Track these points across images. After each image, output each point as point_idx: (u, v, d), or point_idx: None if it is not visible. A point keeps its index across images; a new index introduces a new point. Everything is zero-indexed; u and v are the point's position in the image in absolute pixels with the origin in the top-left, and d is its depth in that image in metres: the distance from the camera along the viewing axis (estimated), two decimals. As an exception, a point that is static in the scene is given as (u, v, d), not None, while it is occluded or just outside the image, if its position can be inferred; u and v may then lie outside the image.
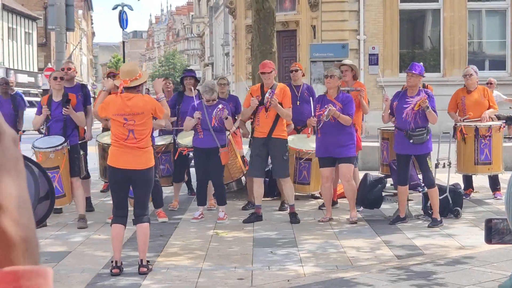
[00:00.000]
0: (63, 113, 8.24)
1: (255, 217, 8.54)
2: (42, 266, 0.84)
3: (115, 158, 6.18)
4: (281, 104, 8.37)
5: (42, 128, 8.78)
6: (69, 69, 9.35)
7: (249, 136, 9.32)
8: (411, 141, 8.03)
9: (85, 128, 9.19)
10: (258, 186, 8.58)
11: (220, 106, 8.49)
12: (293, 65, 10.29)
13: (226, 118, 8.42)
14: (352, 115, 8.34)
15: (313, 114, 8.45)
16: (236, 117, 9.67)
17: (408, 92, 8.21)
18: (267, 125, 8.41)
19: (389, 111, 8.31)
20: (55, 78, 8.42)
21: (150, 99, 6.36)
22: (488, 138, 9.39)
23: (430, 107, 7.95)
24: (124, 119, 6.14)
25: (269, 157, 8.67)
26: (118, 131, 6.18)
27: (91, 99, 9.82)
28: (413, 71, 8.12)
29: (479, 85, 10.12)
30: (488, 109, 9.79)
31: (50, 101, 8.39)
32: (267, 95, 8.28)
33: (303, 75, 10.32)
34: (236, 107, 9.82)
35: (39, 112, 8.46)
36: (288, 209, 8.64)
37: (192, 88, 9.53)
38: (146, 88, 8.44)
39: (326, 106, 8.15)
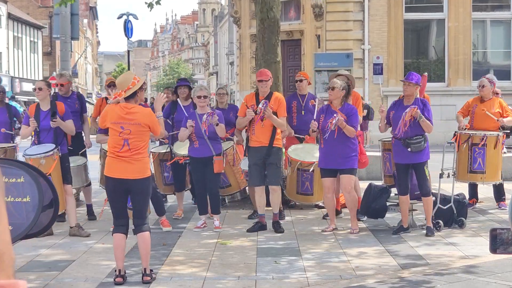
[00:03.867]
0: (51, 125, 8.24)
1: (259, 227, 8.53)
2: (15, 279, 0.82)
3: (111, 167, 6.18)
4: (276, 113, 8.37)
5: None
6: (62, 85, 9.37)
7: (243, 144, 9.36)
8: (409, 149, 8.03)
9: (83, 135, 9.26)
10: (259, 195, 8.58)
11: (209, 111, 8.51)
12: (298, 74, 10.29)
13: (217, 125, 8.41)
14: (356, 127, 8.36)
15: (314, 117, 8.41)
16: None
17: (405, 101, 8.23)
18: (262, 134, 8.41)
19: (385, 121, 8.32)
20: (34, 89, 8.43)
21: (149, 113, 6.31)
22: (481, 147, 9.33)
23: (423, 117, 7.95)
24: (121, 127, 6.13)
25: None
26: (113, 141, 6.18)
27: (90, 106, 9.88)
28: (410, 80, 8.13)
29: (495, 97, 10.03)
30: (504, 117, 9.71)
31: (38, 111, 8.36)
32: (260, 105, 8.29)
33: (309, 83, 10.32)
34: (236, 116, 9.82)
35: (26, 123, 8.41)
36: (272, 218, 8.59)
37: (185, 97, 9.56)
38: (151, 97, 8.43)
39: (334, 115, 8.14)
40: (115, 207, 6.27)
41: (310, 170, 9.44)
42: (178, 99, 9.52)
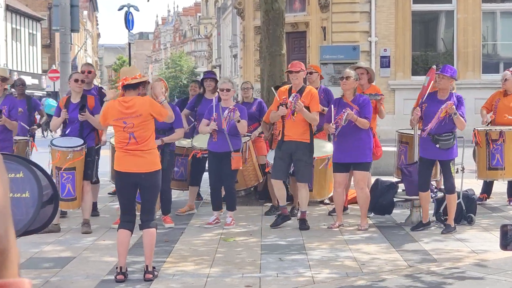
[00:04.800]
0: (79, 119, 8.28)
1: (282, 218, 8.54)
2: (21, 278, 0.82)
3: (120, 162, 6.22)
4: (308, 108, 8.31)
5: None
6: (90, 72, 9.36)
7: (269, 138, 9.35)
8: (438, 145, 7.99)
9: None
10: (278, 188, 8.55)
11: (231, 106, 8.48)
12: (308, 67, 10.21)
13: (238, 121, 8.38)
14: (369, 118, 8.30)
15: (332, 121, 8.26)
16: (260, 122, 9.66)
17: (439, 95, 8.15)
18: (293, 128, 8.34)
19: (419, 116, 8.19)
20: (76, 81, 8.45)
21: (148, 100, 6.32)
22: (499, 143, 9.32)
23: (458, 113, 7.90)
24: (124, 123, 6.14)
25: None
26: (119, 136, 6.22)
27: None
28: (445, 73, 8.07)
29: None
30: None
31: (68, 102, 8.45)
32: (290, 99, 8.22)
33: (321, 77, 10.18)
34: (260, 112, 9.79)
35: (57, 114, 8.51)
36: (299, 215, 8.63)
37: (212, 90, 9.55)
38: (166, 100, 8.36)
39: (344, 110, 8.11)
40: (123, 202, 6.28)
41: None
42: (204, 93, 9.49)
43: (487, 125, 9.93)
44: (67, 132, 8.41)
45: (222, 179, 8.60)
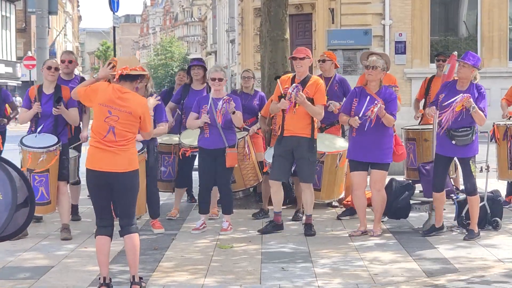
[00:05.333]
0: (53, 112, 8.26)
1: (273, 226, 8.53)
2: None
3: (93, 158, 6.12)
4: (312, 100, 8.30)
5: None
6: (70, 61, 9.24)
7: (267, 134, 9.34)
8: (454, 142, 8.00)
9: (81, 127, 9.20)
10: (275, 191, 8.55)
11: (225, 97, 8.48)
12: (322, 54, 10.14)
13: (233, 113, 8.39)
14: (395, 115, 8.28)
15: (360, 113, 8.18)
16: (258, 116, 9.66)
17: (458, 85, 8.12)
18: (294, 122, 8.33)
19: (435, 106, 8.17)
20: (49, 68, 8.42)
21: (145, 103, 6.28)
22: None
23: (476, 107, 7.88)
24: (109, 112, 6.06)
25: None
26: (98, 126, 6.11)
27: None
28: (466, 61, 8.05)
29: None
30: None
31: (40, 93, 8.39)
32: (290, 90, 8.21)
33: (336, 66, 10.07)
34: (261, 105, 9.80)
35: (27, 106, 8.45)
36: (304, 219, 8.63)
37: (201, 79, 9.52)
38: (152, 91, 8.31)
39: (376, 102, 8.08)
40: (98, 205, 6.25)
41: (319, 161, 9.40)
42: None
43: (508, 119, 9.94)
44: (39, 128, 8.35)
45: (216, 179, 8.59)
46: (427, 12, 22.71)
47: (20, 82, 47.85)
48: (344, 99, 9.12)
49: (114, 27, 24.46)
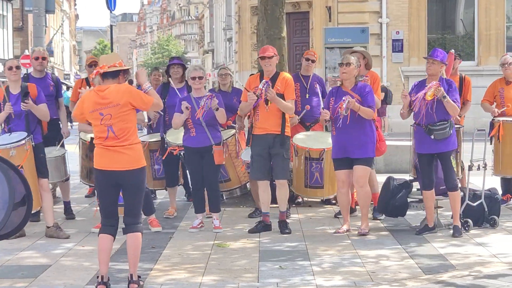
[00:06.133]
0: (21, 108, 8.22)
1: (262, 226, 8.54)
2: None
3: (100, 159, 6.17)
4: (283, 96, 8.35)
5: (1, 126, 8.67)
6: (44, 58, 9.32)
7: (245, 132, 9.35)
8: (432, 136, 8.03)
9: (60, 124, 9.23)
10: (263, 190, 8.58)
11: (207, 93, 8.50)
12: (311, 54, 10.24)
13: (217, 109, 8.41)
14: (373, 107, 8.31)
15: (322, 106, 8.42)
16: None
17: (427, 82, 8.19)
18: (267, 120, 8.38)
19: (408, 107, 8.26)
20: (10, 68, 8.39)
21: (127, 88, 6.22)
22: None
23: (447, 97, 7.93)
24: (100, 114, 6.08)
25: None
26: (97, 131, 6.16)
27: (68, 88, 9.72)
28: (435, 58, 8.12)
29: None
30: None
31: (8, 94, 8.35)
32: (260, 86, 8.27)
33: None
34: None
35: None
36: (279, 216, 8.59)
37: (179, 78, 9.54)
38: (129, 79, 8.36)
39: (344, 98, 8.12)
40: (105, 204, 6.25)
41: (320, 159, 9.44)
42: (170, 81, 9.48)
43: (498, 113, 9.92)
44: (11, 127, 8.33)
45: (204, 177, 8.60)
46: (424, 10, 22.72)
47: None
48: (320, 97, 9.21)
49: (111, 26, 24.46)
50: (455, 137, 8.24)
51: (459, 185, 8.51)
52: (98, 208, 6.58)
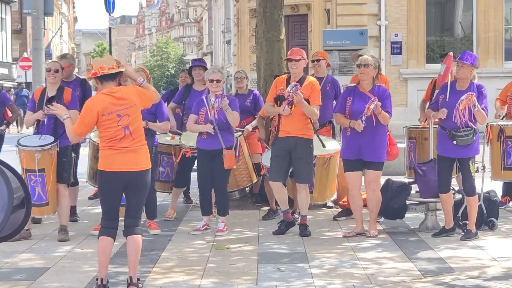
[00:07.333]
0: (44, 112, 8.22)
1: (286, 225, 8.54)
2: None
3: (109, 160, 6.09)
4: (308, 100, 8.30)
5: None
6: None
7: (265, 138, 9.35)
8: (455, 142, 8.00)
9: None
10: (278, 191, 8.55)
11: (218, 93, 8.44)
12: (315, 54, 10.20)
13: (227, 110, 8.37)
14: (390, 113, 8.28)
15: (348, 112, 8.23)
16: (255, 116, 9.64)
17: (458, 86, 8.14)
18: (290, 123, 8.34)
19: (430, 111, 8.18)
20: (48, 70, 8.44)
21: (135, 88, 6.32)
22: None
23: (479, 106, 7.89)
24: (117, 116, 6.08)
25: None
26: (111, 134, 6.08)
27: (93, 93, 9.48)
28: (465, 61, 8.06)
29: None
30: None
31: (44, 95, 8.41)
32: (288, 88, 8.17)
33: (328, 65, 10.19)
34: (255, 104, 9.79)
35: (32, 108, 8.47)
36: (299, 220, 8.63)
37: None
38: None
39: (372, 99, 8.08)
40: (109, 206, 6.21)
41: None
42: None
43: (501, 119, 9.95)
44: (40, 129, 8.38)
45: (213, 180, 8.59)
46: (423, 12, 22.72)
47: (16, 84, 47.74)
48: (334, 101, 9.17)
49: (110, 28, 24.46)
50: (478, 143, 8.19)
51: (476, 190, 8.48)
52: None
